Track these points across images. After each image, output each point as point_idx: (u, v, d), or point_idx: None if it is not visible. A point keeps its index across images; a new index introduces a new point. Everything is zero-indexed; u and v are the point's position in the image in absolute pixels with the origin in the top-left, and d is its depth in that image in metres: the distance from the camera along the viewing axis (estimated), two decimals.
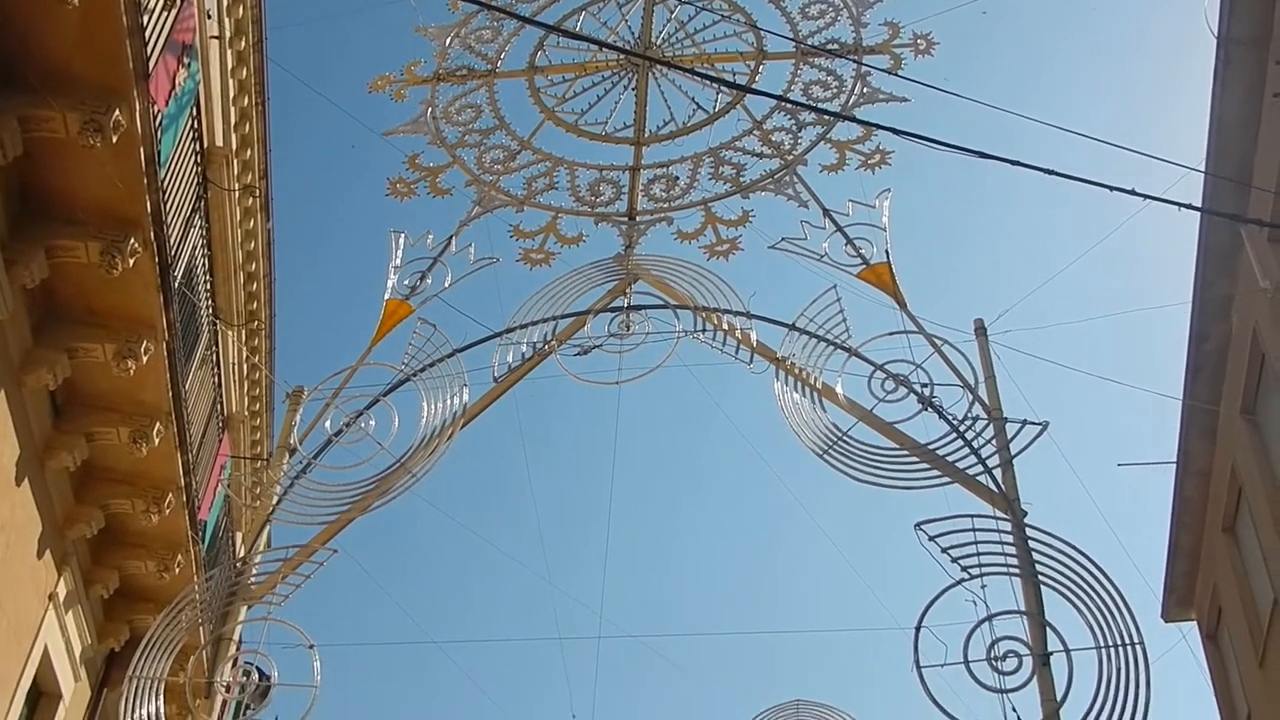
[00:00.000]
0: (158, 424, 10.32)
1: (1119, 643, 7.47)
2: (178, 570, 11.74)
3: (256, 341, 14.67)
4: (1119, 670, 7.37)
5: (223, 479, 12.93)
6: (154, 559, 11.69)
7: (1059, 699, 7.38)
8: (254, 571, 9.53)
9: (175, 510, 11.25)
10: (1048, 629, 7.74)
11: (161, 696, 8.32)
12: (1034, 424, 8.70)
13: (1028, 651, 7.62)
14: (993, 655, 7.63)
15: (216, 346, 12.50)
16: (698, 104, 10.64)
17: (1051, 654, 7.65)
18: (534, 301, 10.46)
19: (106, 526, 11.19)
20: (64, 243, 8.81)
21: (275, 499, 9.85)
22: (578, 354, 10.24)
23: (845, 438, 8.99)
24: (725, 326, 9.85)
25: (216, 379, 12.57)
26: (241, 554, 11.07)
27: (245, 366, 14.63)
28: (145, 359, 9.67)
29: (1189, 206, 6.73)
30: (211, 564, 12.21)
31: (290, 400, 10.69)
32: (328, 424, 9.92)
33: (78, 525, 10.79)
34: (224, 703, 9.23)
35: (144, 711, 8.15)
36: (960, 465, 8.68)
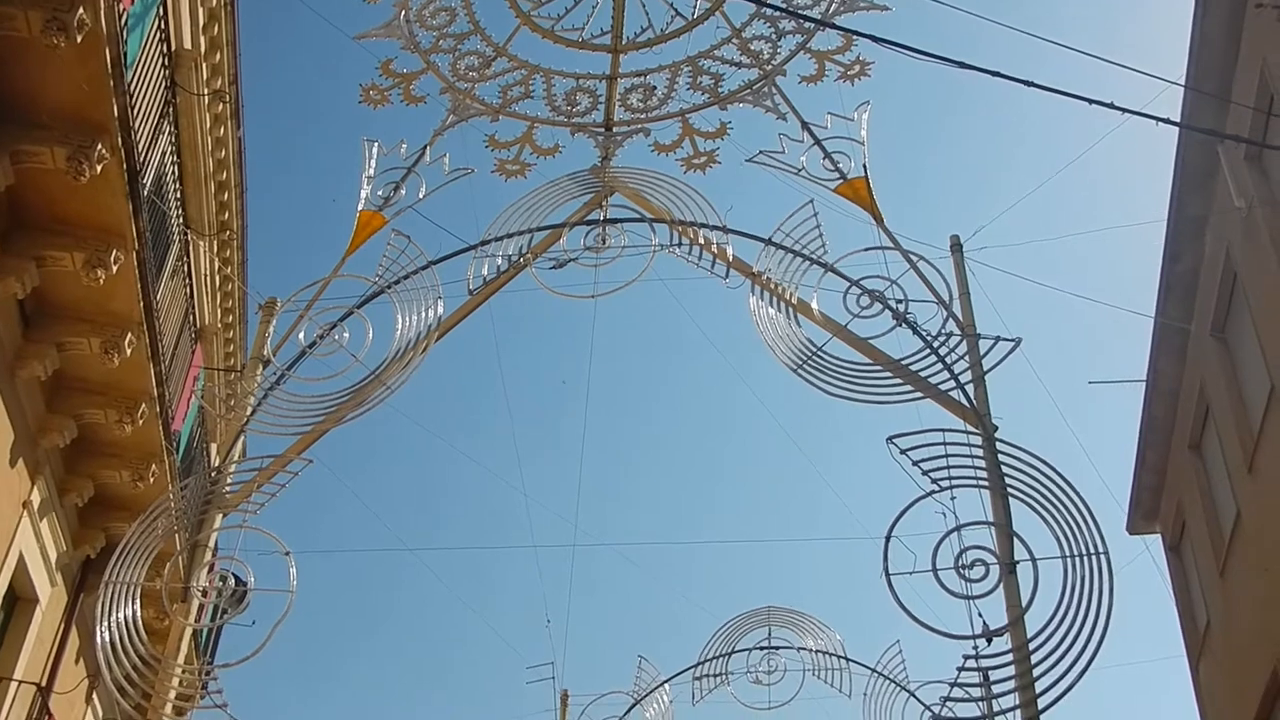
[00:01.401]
0: (129, 334, 10.25)
1: (1084, 552, 7.61)
2: (152, 480, 11.77)
3: (228, 252, 14.52)
4: (1083, 579, 7.53)
5: (196, 390, 12.89)
6: (128, 469, 11.70)
7: (1024, 606, 7.54)
8: (229, 481, 9.54)
9: (149, 421, 11.23)
10: (1014, 539, 7.88)
11: (138, 601, 8.39)
12: (1007, 340, 8.77)
13: (995, 560, 7.76)
14: (960, 564, 7.77)
15: (188, 257, 12.36)
16: (676, 10, 10.44)
17: (1018, 563, 7.79)
18: (509, 214, 10.38)
19: (80, 436, 11.17)
20: (29, 148, 8.64)
21: (249, 410, 9.83)
22: (553, 267, 10.19)
23: (820, 353, 9.04)
24: (701, 241, 9.81)
25: (188, 290, 12.45)
26: (216, 464, 11.10)
27: (217, 278, 14.49)
28: (115, 268, 9.56)
29: (1167, 121, 6.72)
30: (186, 474, 12.22)
31: (263, 312, 10.61)
32: (301, 336, 9.87)
33: (50, 434, 10.76)
34: (201, 607, 9.30)
35: (120, 615, 8.21)
36: (933, 381, 8.75)
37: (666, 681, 15.23)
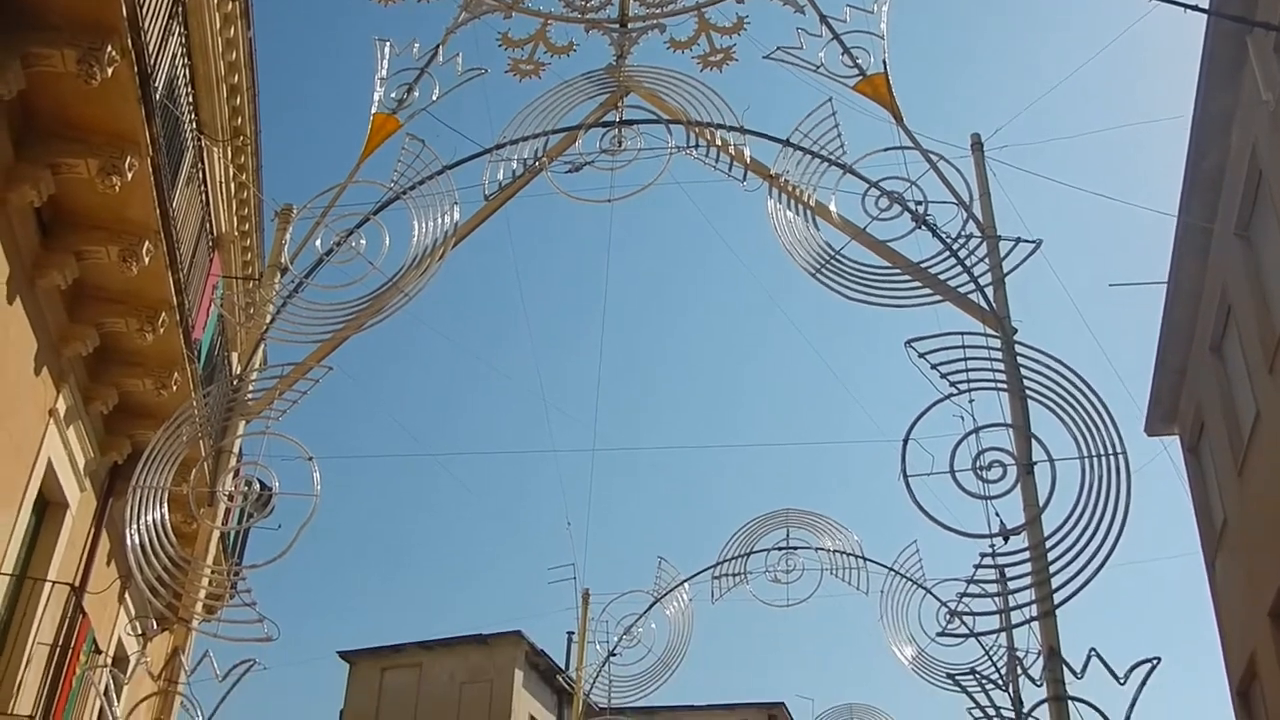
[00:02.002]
0: (146, 242, 10.26)
1: (1102, 452, 7.61)
2: (175, 388, 11.88)
3: (243, 159, 14.44)
4: (1100, 478, 7.53)
5: (215, 298, 12.93)
6: (151, 377, 11.81)
7: (1041, 505, 7.57)
8: (251, 388, 9.60)
9: (169, 329, 11.30)
10: (1032, 440, 7.89)
11: (165, 505, 8.51)
12: (1027, 242, 8.65)
13: (1012, 461, 7.77)
14: (978, 465, 7.78)
15: (202, 164, 12.30)
16: None
17: (1036, 464, 7.80)
18: (524, 116, 10.22)
19: (102, 345, 11.26)
20: (39, 50, 8.55)
21: (269, 318, 9.85)
22: (569, 171, 10.06)
23: (838, 256, 8.95)
24: (718, 142, 9.67)
25: (204, 197, 12.42)
26: (238, 371, 11.17)
27: (232, 185, 14.44)
28: (130, 175, 9.53)
29: (1194, 8, 6.52)
30: (208, 382, 12.33)
31: (279, 219, 10.57)
32: (318, 243, 9.82)
33: (73, 343, 10.85)
34: (227, 511, 9.44)
35: (149, 518, 8.34)
36: (952, 284, 8.67)
37: (685, 581, 15.48)
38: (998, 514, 7.70)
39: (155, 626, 12.92)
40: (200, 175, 12.19)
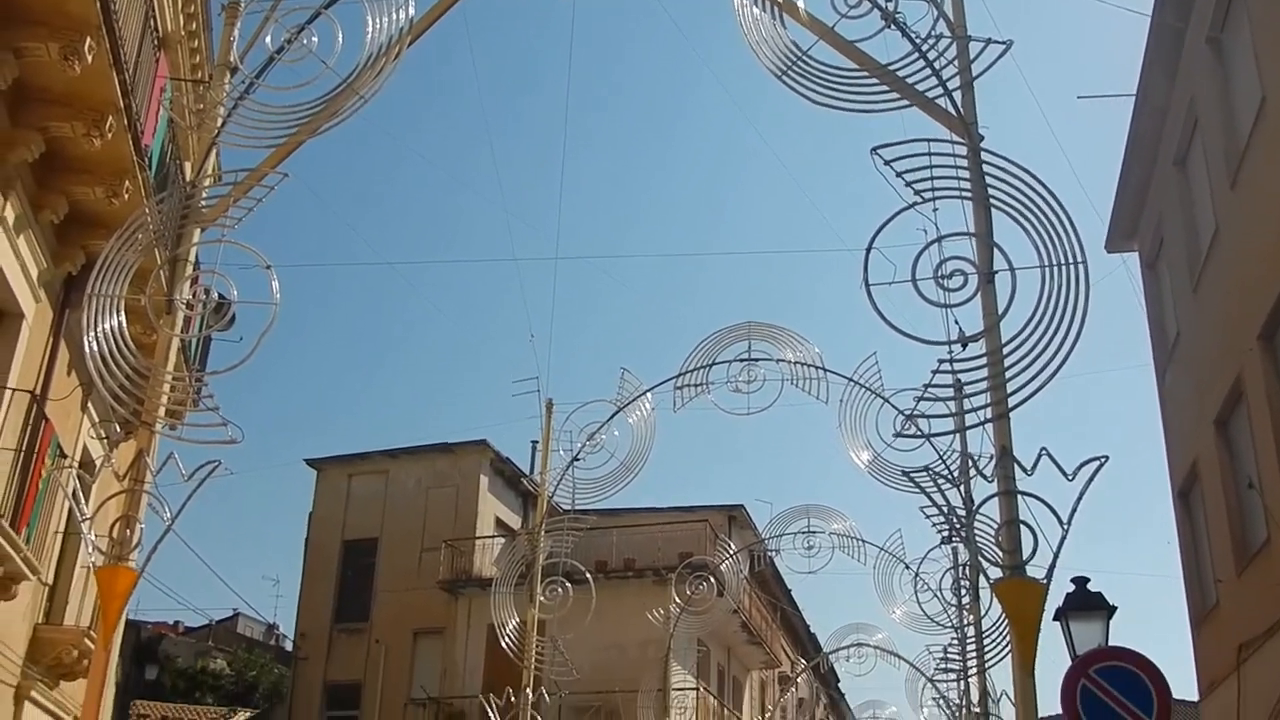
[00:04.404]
0: (88, 39, 9.84)
1: (1062, 262, 7.64)
2: (126, 196, 11.61)
3: None
4: (1060, 287, 7.59)
5: (164, 102, 12.51)
6: (101, 185, 11.53)
7: (1000, 313, 7.63)
8: (204, 195, 9.39)
9: (117, 134, 10.96)
10: (994, 249, 7.89)
11: (122, 313, 8.41)
12: (998, 43, 8.46)
13: (974, 270, 7.79)
14: (940, 274, 7.80)
15: None
16: None
17: (997, 272, 7.82)
18: None
19: (48, 151, 10.92)
20: None
21: (220, 121, 9.55)
22: None
23: (805, 57, 8.72)
24: None
25: None
26: (190, 179, 10.89)
27: None
28: None
29: None
30: (160, 190, 12.03)
31: (227, 14, 10.11)
32: (268, 39, 9.44)
33: (17, 149, 10.52)
34: (187, 320, 9.36)
35: (106, 327, 8.26)
36: (920, 88, 8.51)
37: (648, 391, 15.68)
38: (957, 322, 7.76)
39: (119, 431, 13.03)
40: None
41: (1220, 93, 13.25)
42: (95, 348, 8.26)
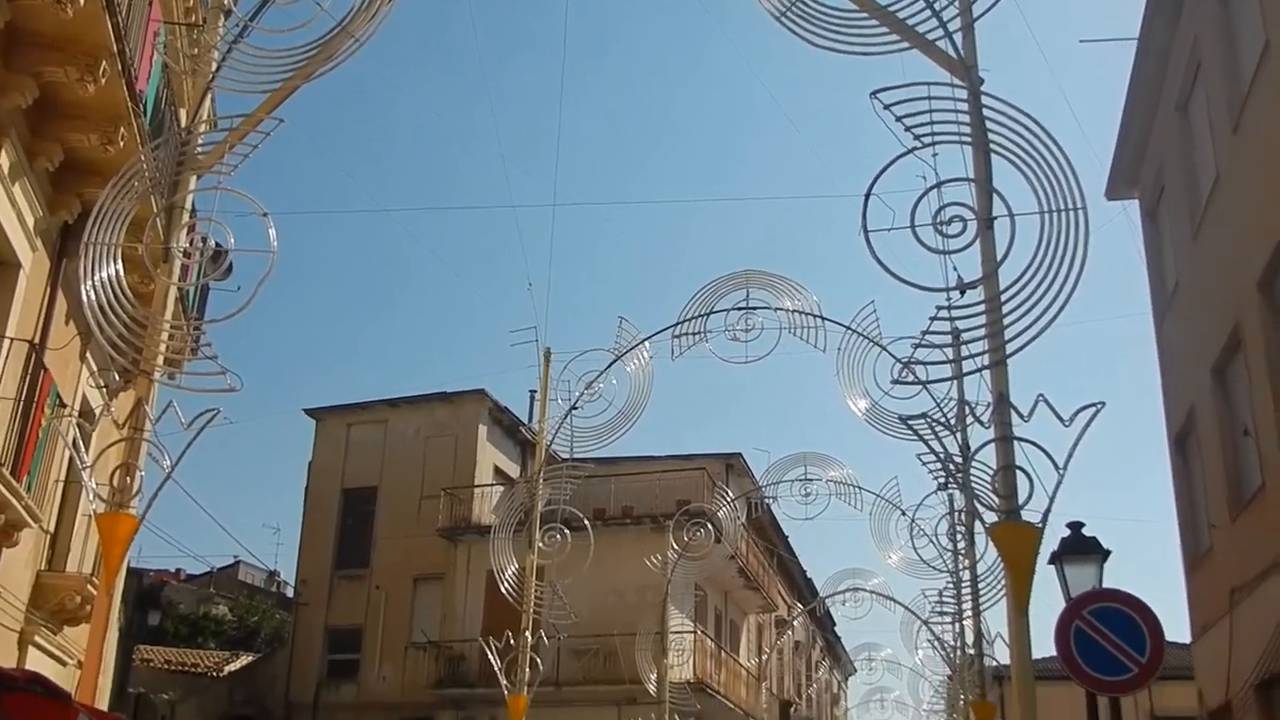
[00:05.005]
0: None
1: (1062, 208, 7.61)
2: (122, 143, 11.53)
3: None
4: (1059, 234, 7.57)
5: (158, 47, 12.39)
6: (95, 131, 11.44)
7: (999, 260, 7.61)
8: (200, 141, 9.33)
9: (111, 79, 10.86)
10: (993, 194, 7.86)
11: (119, 261, 8.40)
12: None
13: (973, 216, 7.76)
14: (939, 220, 7.77)
15: None
16: None
17: (996, 218, 7.79)
18: None
19: (42, 97, 10.82)
20: None
21: (214, 65, 9.47)
22: None
23: None
24: None
25: None
26: (185, 125, 10.81)
27: None
28: None
29: None
30: (155, 136, 11.94)
31: None
32: None
33: (10, 94, 10.42)
34: (184, 269, 9.33)
35: (103, 275, 8.25)
36: (921, 30, 8.43)
37: (646, 339, 15.68)
38: (956, 269, 7.74)
39: (118, 380, 13.05)
40: None
41: (1223, 36, 13.13)
42: (93, 296, 8.26)
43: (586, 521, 18.34)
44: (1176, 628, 17.22)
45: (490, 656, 15.93)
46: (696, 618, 30.34)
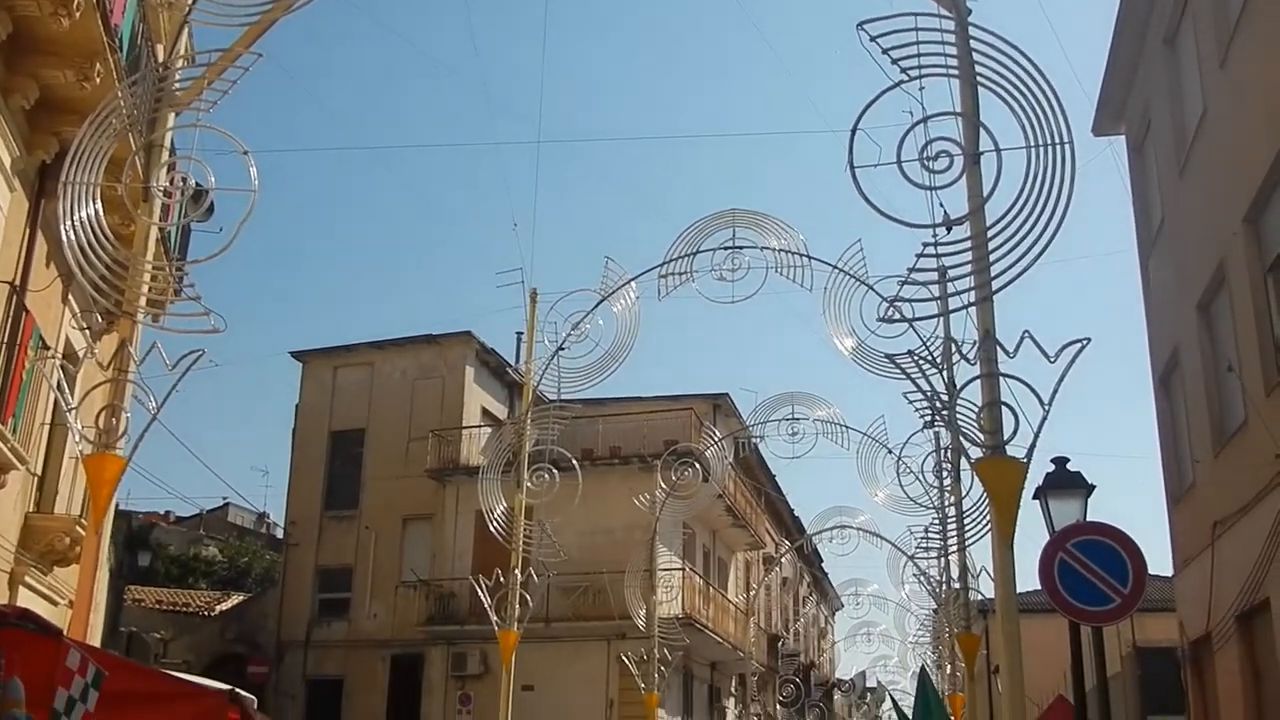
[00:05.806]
0: None
1: (1048, 142, 7.56)
2: (98, 80, 11.34)
3: None
4: (1046, 168, 7.52)
5: None
6: (71, 67, 11.25)
7: (985, 195, 7.58)
8: (178, 77, 9.18)
9: (86, 13, 10.66)
10: (980, 129, 7.80)
11: (99, 201, 8.29)
12: None
13: (960, 151, 7.70)
14: (925, 155, 7.71)
15: None
16: None
17: (983, 153, 7.74)
18: None
19: (15, 31, 10.62)
20: None
21: None
22: None
23: None
24: None
25: None
26: (163, 60, 10.63)
27: None
28: None
29: None
30: (132, 72, 11.74)
31: None
32: None
33: None
34: (165, 209, 9.23)
35: (83, 215, 8.15)
36: None
37: (632, 280, 15.62)
38: (942, 205, 7.70)
39: (101, 321, 12.98)
40: None
41: None
42: (73, 237, 8.17)
43: (575, 462, 18.40)
44: (1159, 562, 17.46)
45: (480, 594, 16.05)
46: (685, 555, 30.61)
